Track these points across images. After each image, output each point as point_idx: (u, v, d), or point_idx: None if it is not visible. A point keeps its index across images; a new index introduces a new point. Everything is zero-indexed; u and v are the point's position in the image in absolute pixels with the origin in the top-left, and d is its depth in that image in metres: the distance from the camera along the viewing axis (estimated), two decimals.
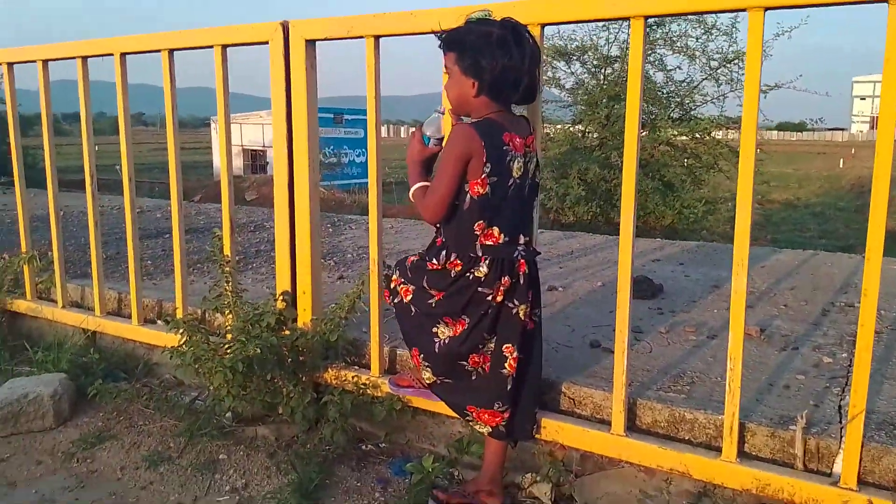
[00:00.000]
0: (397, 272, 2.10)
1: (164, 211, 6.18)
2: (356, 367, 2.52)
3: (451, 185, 1.86)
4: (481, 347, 1.97)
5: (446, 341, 1.97)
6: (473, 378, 2.01)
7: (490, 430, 2.02)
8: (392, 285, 2.11)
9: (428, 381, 2.09)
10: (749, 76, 1.76)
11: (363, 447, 2.44)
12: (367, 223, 5.77)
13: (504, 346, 1.95)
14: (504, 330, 1.95)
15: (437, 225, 2.00)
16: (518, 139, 1.88)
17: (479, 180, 1.82)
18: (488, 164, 1.80)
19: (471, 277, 1.90)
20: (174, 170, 2.80)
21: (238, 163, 22.09)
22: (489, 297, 1.91)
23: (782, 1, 1.69)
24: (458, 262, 1.92)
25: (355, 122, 23.14)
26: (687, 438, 2.01)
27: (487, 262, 1.89)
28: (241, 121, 24.36)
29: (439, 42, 1.91)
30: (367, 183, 2.42)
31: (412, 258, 2.07)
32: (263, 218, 5.87)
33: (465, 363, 1.99)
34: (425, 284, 1.98)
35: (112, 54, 2.82)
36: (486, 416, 2.00)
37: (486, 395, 1.99)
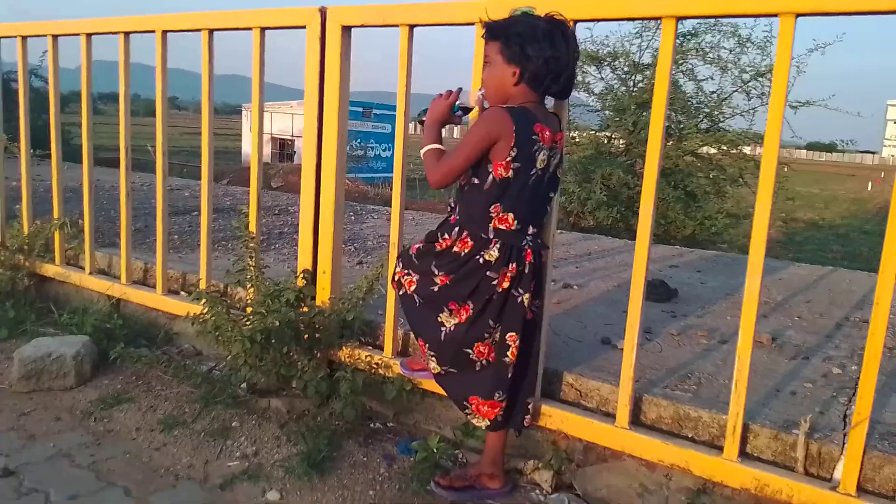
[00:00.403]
0: (400, 264, 2.15)
1: (193, 190, 6.30)
2: (370, 348, 2.58)
3: (468, 160, 1.90)
4: (486, 336, 1.99)
5: (452, 329, 2.00)
6: (477, 368, 2.03)
7: (488, 423, 2.06)
8: (396, 277, 2.15)
9: (434, 371, 2.12)
10: (776, 81, 1.79)
11: (371, 425, 2.50)
12: (389, 213, 5.84)
13: (508, 335, 1.98)
14: (508, 318, 1.98)
15: (452, 203, 2.05)
16: (548, 132, 1.92)
17: (503, 163, 1.86)
18: (515, 149, 1.85)
19: (480, 261, 1.94)
20: (206, 146, 2.87)
21: (266, 150, 22.31)
22: (494, 283, 1.94)
23: (814, 8, 1.71)
24: (469, 240, 1.95)
25: (383, 116, 23.31)
26: (690, 436, 2.04)
27: (498, 245, 1.93)
28: (272, 109, 24.61)
29: (483, 31, 1.94)
30: (391, 177, 2.48)
31: (416, 246, 2.11)
32: (288, 202, 5.96)
33: (470, 352, 2.01)
34: (433, 268, 2.01)
35: (154, 31, 2.91)
36: (486, 407, 2.04)
37: (488, 385, 2.02)
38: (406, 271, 2.10)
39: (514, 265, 1.93)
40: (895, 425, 2.00)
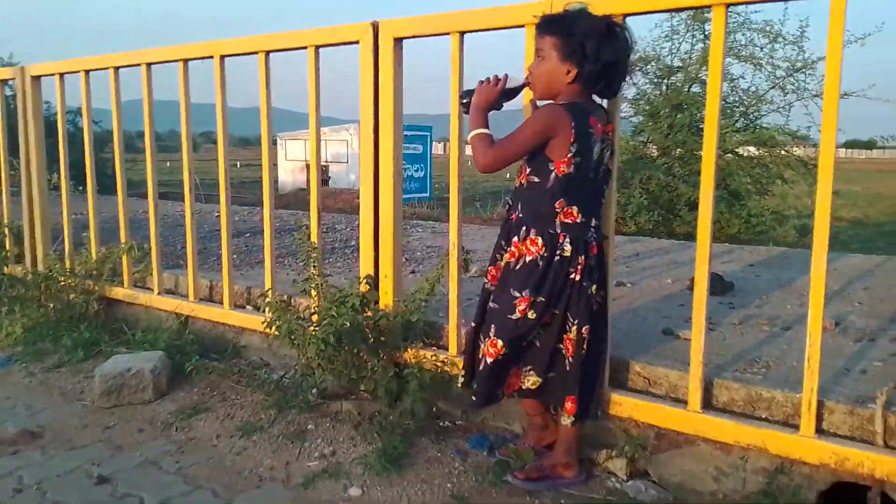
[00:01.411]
0: (485, 336, 2.09)
1: (242, 215, 6.49)
2: (434, 348, 2.64)
3: (519, 151, 1.96)
4: (570, 331, 2.05)
5: (546, 335, 2.06)
6: (567, 367, 2.08)
7: (573, 419, 2.10)
8: (481, 354, 2.11)
9: (533, 386, 2.13)
10: (830, 63, 1.81)
11: (441, 423, 2.55)
12: (433, 226, 5.90)
13: (584, 328, 2.03)
14: (583, 311, 2.02)
15: (510, 201, 2.10)
16: (600, 124, 1.97)
17: (564, 160, 1.92)
18: (575, 145, 1.90)
19: (558, 259, 1.98)
20: (266, 168, 2.99)
21: (302, 177, 22.69)
22: (572, 276, 1.99)
23: None
24: (539, 238, 1.99)
25: (414, 137, 23.52)
26: (764, 417, 2.05)
27: (569, 239, 1.98)
28: (306, 137, 25.03)
29: (541, 26, 1.98)
30: (426, 197, 2.57)
31: (492, 306, 2.09)
32: (334, 221, 6.10)
33: (562, 347, 2.08)
34: (514, 292, 2.00)
35: (212, 56, 3.05)
36: (570, 403, 2.09)
37: (573, 381, 2.07)
38: (490, 339, 2.07)
39: (583, 258, 1.98)
40: None
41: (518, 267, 2.02)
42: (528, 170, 2.01)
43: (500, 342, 2.05)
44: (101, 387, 2.82)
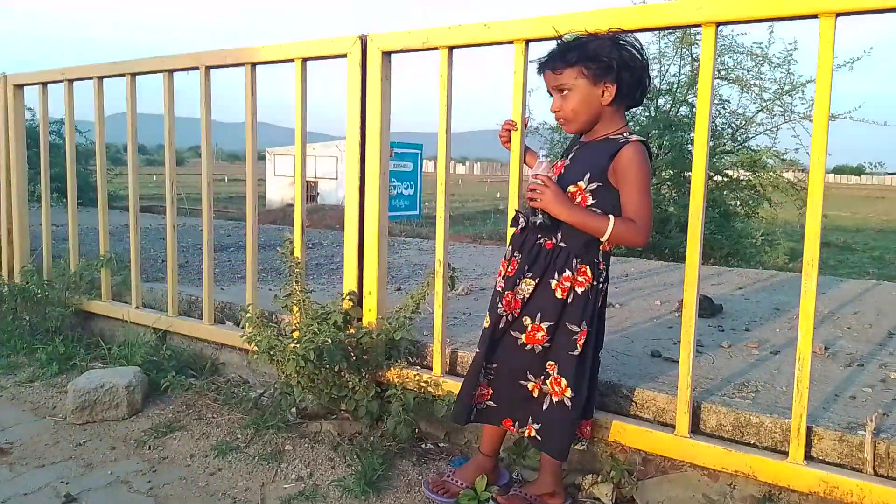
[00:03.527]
0: (534, 375, 2.00)
1: (226, 229, 6.42)
2: (418, 367, 2.58)
3: (650, 201, 1.90)
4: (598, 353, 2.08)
5: (586, 359, 1.99)
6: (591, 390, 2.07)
7: (586, 442, 2.11)
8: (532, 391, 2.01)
9: (569, 405, 1.95)
10: (820, 83, 1.80)
11: (423, 445, 2.49)
12: (419, 244, 5.84)
13: (599, 352, 2.09)
14: (601, 338, 2.08)
15: (532, 225, 1.96)
16: None
17: None
18: None
19: (600, 287, 1.97)
20: (250, 179, 2.94)
21: (290, 192, 22.63)
22: (600, 305, 2.02)
23: (855, 6, 1.73)
24: (587, 269, 1.92)
25: (404, 155, 23.57)
26: (752, 442, 2.00)
27: (604, 267, 1.99)
28: (293, 153, 25.01)
29: (553, 61, 1.90)
30: (415, 215, 2.54)
31: (516, 336, 1.99)
32: (320, 237, 6.03)
33: (598, 370, 2.11)
34: (572, 326, 1.93)
35: (198, 68, 3.01)
36: (586, 426, 2.11)
37: (591, 403, 2.09)
38: (553, 377, 1.96)
39: (606, 285, 2.02)
40: None
41: (572, 300, 1.92)
42: (591, 200, 1.90)
43: (563, 380, 1.93)
44: (74, 402, 2.74)
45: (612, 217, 1.85)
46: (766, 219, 8.71)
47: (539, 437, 1.98)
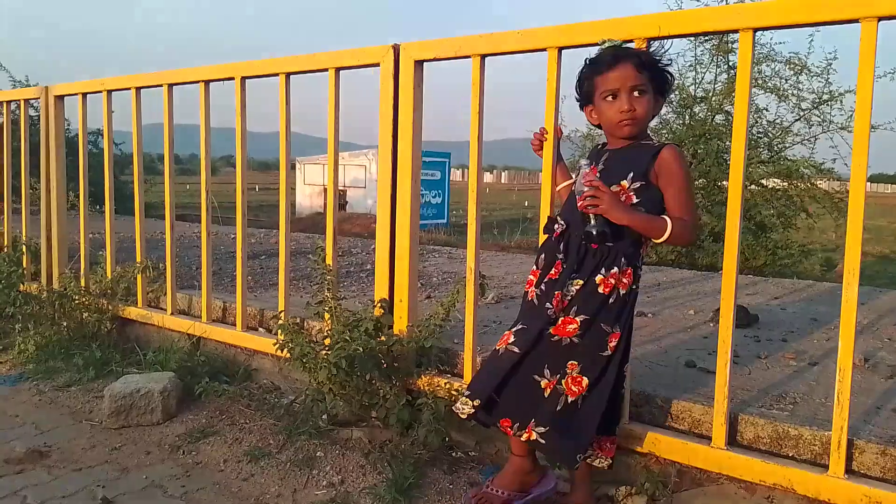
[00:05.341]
0: (559, 372, 1.92)
1: (257, 238, 6.50)
2: (448, 375, 2.58)
3: (695, 200, 1.94)
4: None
5: (620, 366, 1.98)
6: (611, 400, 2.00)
7: (610, 461, 2.04)
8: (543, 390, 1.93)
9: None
10: (861, 90, 1.76)
11: (453, 454, 2.47)
12: (449, 252, 5.84)
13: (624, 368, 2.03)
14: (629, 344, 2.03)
15: (599, 241, 1.90)
16: None
17: None
18: None
19: (636, 288, 1.96)
20: (283, 183, 2.97)
21: (319, 201, 22.85)
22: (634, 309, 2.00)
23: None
24: (631, 270, 1.91)
25: (433, 164, 23.66)
26: (791, 455, 1.96)
27: (641, 268, 1.98)
28: (324, 161, 25.28)
29: (640, 59, 1.91)
30: (443, 223, 2.53)
31: (564, 331, 1.91)
32: (350, 245, 6.08)
33: (625, 376, 2.06)
34: (605, 327, 1.90)
35: (233, 78, 3.05)
36: (609, 444, 2.04)
37: (615, 419, 2.05)
38: (572, 376, 1.91)
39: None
40: None
41: (612, 300, 1.90)
42: (635, 199, 1.88)
43: (585, 380, 1.90)
44: (111, 407, 2.78)
45: (667, 217, 1.85)
46: (801, 228, 8.56)
47: (543, 441, 1.90)
